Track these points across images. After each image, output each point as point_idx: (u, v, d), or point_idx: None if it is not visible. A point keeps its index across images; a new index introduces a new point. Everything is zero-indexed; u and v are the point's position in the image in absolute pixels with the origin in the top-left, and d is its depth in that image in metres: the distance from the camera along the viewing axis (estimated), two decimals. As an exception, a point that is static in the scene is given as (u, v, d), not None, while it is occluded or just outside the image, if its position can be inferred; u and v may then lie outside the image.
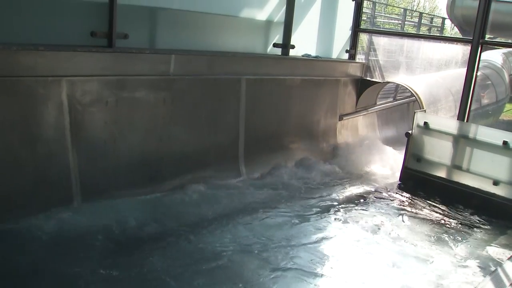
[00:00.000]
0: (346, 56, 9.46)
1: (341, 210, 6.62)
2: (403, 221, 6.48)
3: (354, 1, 9.20)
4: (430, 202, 7.23)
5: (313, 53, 8.76)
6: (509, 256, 5.52)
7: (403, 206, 7.05)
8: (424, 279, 4.93)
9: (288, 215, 6.19)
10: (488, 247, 5.86)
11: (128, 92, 5.79)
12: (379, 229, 6.13)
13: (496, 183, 7.01)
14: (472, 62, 7.61)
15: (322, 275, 4.86)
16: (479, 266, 5.30)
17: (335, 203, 6.83)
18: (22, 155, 4.99)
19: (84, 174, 5.48)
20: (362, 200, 7.10)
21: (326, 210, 6.54)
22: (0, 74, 4.70)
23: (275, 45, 7.98)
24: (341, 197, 7.10)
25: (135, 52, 5.79)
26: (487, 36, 7.69)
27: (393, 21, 18.79)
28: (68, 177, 5.36)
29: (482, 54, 7.65)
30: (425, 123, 7.75)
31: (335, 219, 6.30)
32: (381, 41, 9.41)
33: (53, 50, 5.06)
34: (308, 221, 6.10)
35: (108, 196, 5.61)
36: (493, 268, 5.13)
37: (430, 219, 6.61)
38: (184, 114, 6.47)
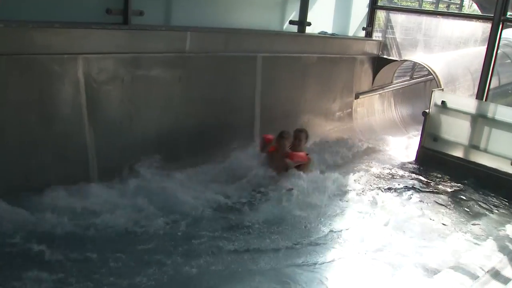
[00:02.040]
0: (363, 33, 9.34)
1: (357, 187, 6.61)
2: (419, 200, 6.45)
3: (371, -22, 9.05)
4: (447, 182, 7.18)
5: (329, 30, 8.65)
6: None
7: (419, 185, 7.00)
8: (440, 257, 4.92)
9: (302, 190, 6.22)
10: (505, 227, 5.82)
11: (143, 69, 5.77)
12: (395, 207, 6.12)
13: (514, 163, 6.94)
14: (492, 40, 7.45)
15: (335, 247, 4.93)
16: (496, 246, 5.27)
17: (351, 181, 6.81)
18: (40, 133, 5.01)
19: (101, 152, 5.50)
20: (378, 178, 7.07)
21: (342, 187, 6.53)
22: (16, 52, 4.70)
23: (291, 22, 7.89)
24: (356, 175, 7.08)
25: (151, 29, 5.76)
26: (509, 13, 7.50)
27: (410, -2, 18.48)
28: (85, 155, 5.39)
29: (503, 32, 7.50)
30: (443, 102, 7.66)
31: (351, 195, 6.30)
32: (398, 19, 9.26)
33: (69, 28, 5.04)
34: (322, 197, 6.12)
35: (125, 173, 5.64)
36: (510, 248, 5.10)
37: (447, 199, 6.57)
38: (200, 92, 6.44)
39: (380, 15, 9.38)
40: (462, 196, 6.70)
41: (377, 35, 9.39)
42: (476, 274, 4.39)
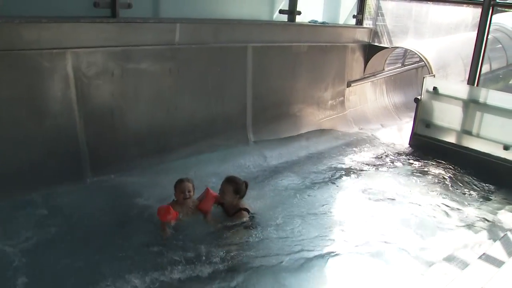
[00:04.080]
0: (353, 21, 9.31)
1: (351, 174, 6.62)
2: (412, 186, 6.47)
3: (361, -35, 9.01)
4: (440, 168, 7.20)
5: (319, 19, 8.61)
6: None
7: (412, 171, 7.03)
8: (433, 243, 4.95)
9: (298, 180, 6.26)
10: (497, 212, 5.85)
11: (133, 63, 5.73)
12: (388, 193, 6.14)
13: (506, 147, 6.96)
14: (482, 25, 7.43)
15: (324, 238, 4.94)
16: (488, 231, 5.30)
17: (345, 168, 6.83)
18: (30, 129, 4.99)
19: (93, 146, 5.48)
20: (371, 166, 7.09)
21: (336, 173, 6.56)
22: (4, 48, 4.66)
23: (281, 11, 7.85)
24: (349, 162, 7.11)
25: (140, 21, 5.71)
26: (499, -3, 7.49)
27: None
28: (77, 150, 5.37)
29: (493, 17, 7.48)
30: (435, 88, 7.67)
31: (345, 182, 6.33)
32: (388, 6, 9.23)
33: (56, 22, 4.99)
34: (318, 186, 6.13)
35: (117, 168, 5.64)
36: (502, 233, 5.13)
37: (440, 184, 6.60)
38: (191, 84, 6.42)
39: (370, 2, 9.34)
40: (455, 182, 6.72)
41: (367, 23, 9.37)
42: (469, 259, 4.40)
